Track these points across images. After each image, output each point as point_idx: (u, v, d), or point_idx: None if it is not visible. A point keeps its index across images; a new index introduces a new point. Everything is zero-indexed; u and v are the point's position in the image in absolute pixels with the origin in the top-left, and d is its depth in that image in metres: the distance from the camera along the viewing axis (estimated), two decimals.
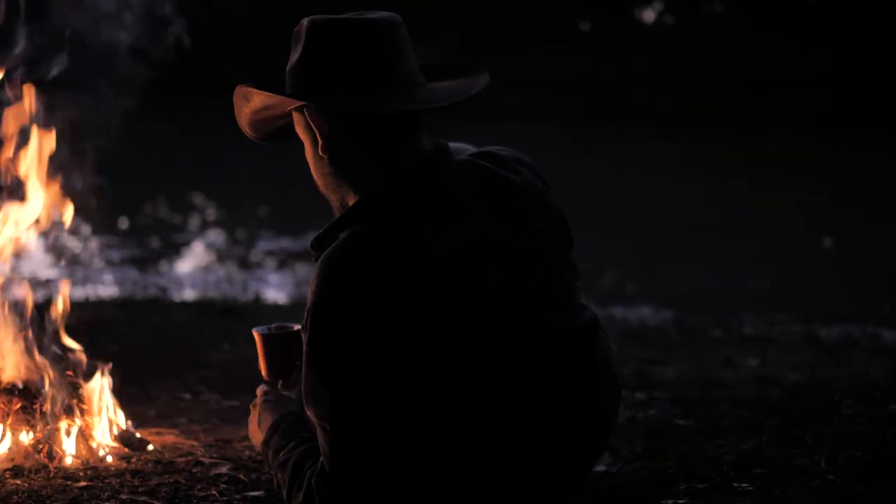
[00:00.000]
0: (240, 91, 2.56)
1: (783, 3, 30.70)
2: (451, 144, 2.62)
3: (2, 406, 3.22)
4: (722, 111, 26.66)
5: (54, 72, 3.50)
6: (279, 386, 2.85)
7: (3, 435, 3.19)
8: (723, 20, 33.36)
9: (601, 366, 2.57)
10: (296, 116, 2.54)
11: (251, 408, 2.88)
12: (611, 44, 32.19)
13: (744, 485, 2.85)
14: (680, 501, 2.78)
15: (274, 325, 2.96)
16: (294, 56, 2.51)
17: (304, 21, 2.51)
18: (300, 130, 2.55)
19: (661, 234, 12.79)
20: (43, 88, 3.49)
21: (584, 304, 2.60)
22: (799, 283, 9.65)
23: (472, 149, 2.67)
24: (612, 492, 2.85)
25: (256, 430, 2.78)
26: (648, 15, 34.85)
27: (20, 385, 3.29)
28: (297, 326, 2.85)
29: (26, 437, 3.19)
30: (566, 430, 2.49)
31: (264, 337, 2.87)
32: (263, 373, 2.88)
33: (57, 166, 3.53)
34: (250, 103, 2.57)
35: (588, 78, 30.23)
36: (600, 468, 3.04)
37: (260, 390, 2.89)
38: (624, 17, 34.38)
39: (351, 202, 2.52)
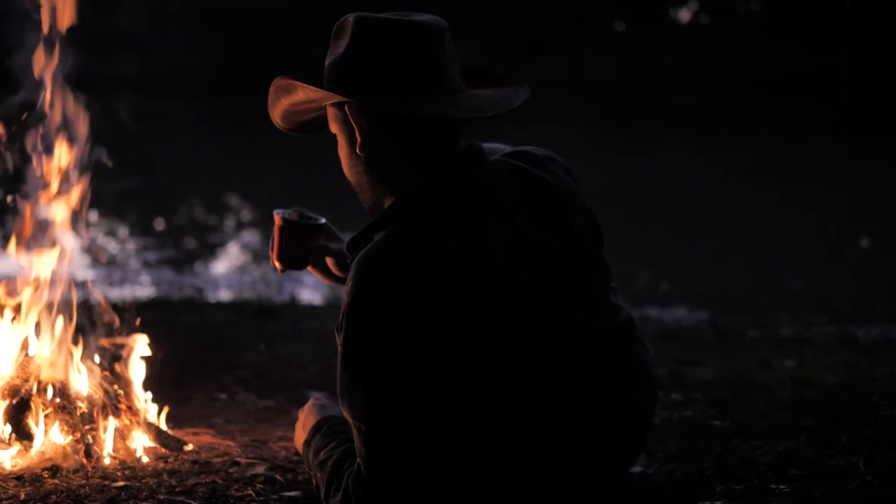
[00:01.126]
0: (281, 83, 2.55)
1: (818, 3, 30.49)
2: (485, 145, 2.62)
3: (40, 406, 3.24)
4: (755, 111, 26.51)
5: (89, 74, 3.52)
6: (279, 269, 2.86)
7: (43, 435, 3.21)
8: (757, 19, 33.16)
9: (637, 366, 2.56)
10: (332, 112, 2.54)
11: (299, 413, 2.90)
12: (644, 44, 32.07)
13: (781, 486, 2.83)
14: (717, 503, 2.77)
15: (293, 209, 2.93)
16: (338, 50, 2.50)
17: (351, 17, 2.50)
18: (336, 126, 2.55)
19: (696, 234, 12.74)
20: (78, 91, 3.51)
21: (619, 305, 2.59)
22: (835, 284, 9.59)
23: (505, 149, 2.67)
24: (649, 493, 2.84)
25: (300, 432, 2.81)
26: (683, 15, 34.68)
27: (58, 385, 3.31)
28: (320, 219, 2.88)
29: (64, 437, 3.20)
30: (602, 430, 2.48)
31: (284, 222, 2.84)
32: (273, 256, 2.86)
33: (93, 169, 3.55)
34: (291, 96, 2.56)
35: (620, 78, 30.15)
36: (636, 469, 3.03)
37: (312, 398, 2.92)
38: (658, 16, 34.23)
39: (385, 202, 2.52)
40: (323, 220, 2.91)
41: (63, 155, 3.51)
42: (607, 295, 2.58)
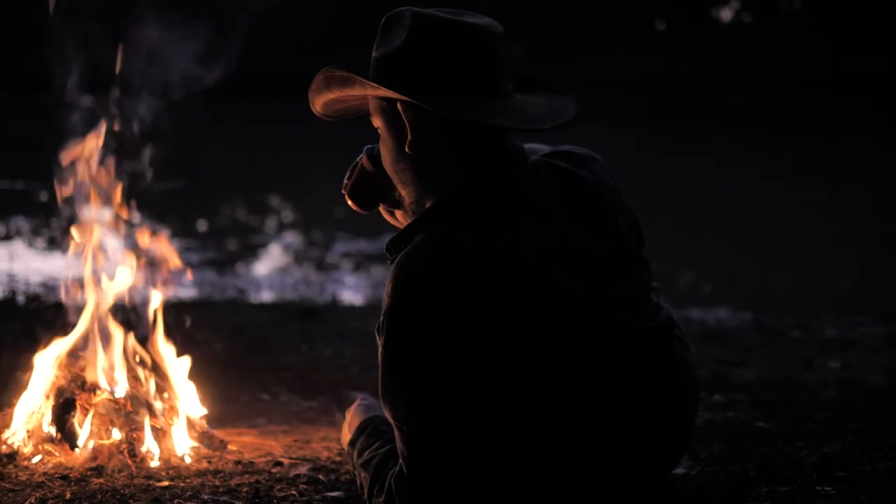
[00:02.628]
0: (336, 74, 2.52)
1: (858, 2, 30.28)
2: (526, 145, 2.62)
3: (86, 406, 3.26)
4: (799, 110, 26.35)
5: (132, 77, 3.54)
6: (351, 202, 2.75)
7: (88, 435, 3.24)
8: (800, 19, 32.96)
9: (678, 367, 2.55)
10: (379, 106, 2.52)
11: (346, 413, 2.91)
12: (686, 44, 31.95)
13: (827, 488, 2.81)
14: None
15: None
16: (391, 44, 2.48)
17: (406, 11, 2.48)
18: (382, 121, 2.53)
19: (739, 234, 12.67)
20: (121, 94, 3.54)
21: (660, 304, 2.58)
22: (881, 285, 9.51)
23: (546, 148, 2.66)
24: (693, 494, 2.83)
25: (346, 432, 2.82)
26: (725, 14, 34.52)
27: (103, 385, 3.33)
28: None
29: (109, 437, 3.22)
30: (644, 430, 2.47)
31: (373, 159, 2.70)
32: (347, 189, 2.74)
33: (135, 171, 3.58)
34: (344, 88, 2.54)
35: (662, 78, 30.05)
36: (679, 471, 3.02)
37: (359, 398, 2.93)
38: (700, 16, 34.08)
39: (426, 201, 2.52)
40: None
41: (107, 155, 3.53)
42: (648, 295, 2.57)
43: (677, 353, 2.56)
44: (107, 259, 3.53)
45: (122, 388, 3.35)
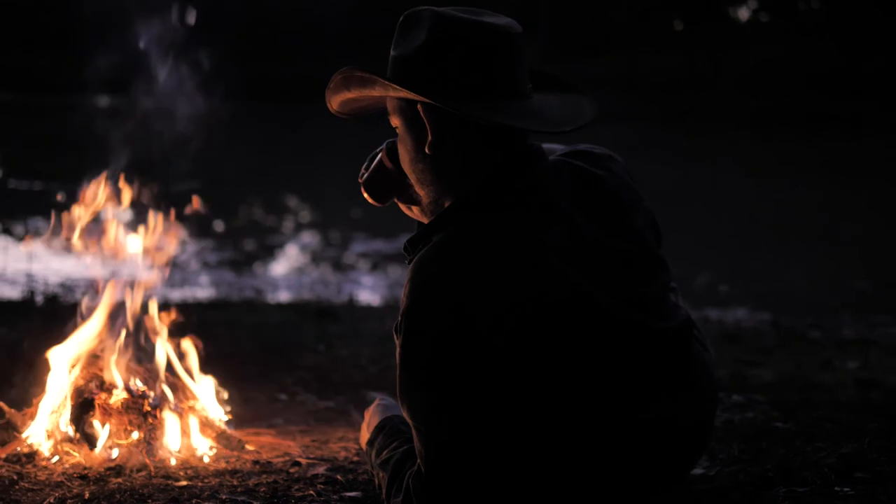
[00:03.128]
0: (356, 74, 2.51)
1: (880, 3, 30.21)
2: (544, 144, 2.61)
3: (104, 406, 3.27)
4: (817, 110, 26.29)
5: (148, 78, 3.56)
6: (368, 197, 2.71)
7: (106, 435, 3.25)
8: (818, 18, 32.88)
9: (697, 366, 2.54)
10: (398, 106, 2.52)
11: (365, 413, 2.92)
12: (703, 43, 31.89)
13: (845, 489, 2.80)
14: None
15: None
16: (411, 44, 2.47)
17: (426, 11, 2.47)
18: (401, 120, 2.53)
19: (757, 234, 12.64)
20: (139, 95, 3.55)
21: (678, 304, 2.58)
22: None
23: (563, 147, 2.66)
24: (711, 495, 2.82)
25: (365, 432, 2.83)
26: (743, 13, 34.46)
27: (121, 385, 3.34)
28: None
29: (127, 437, 3.23)
30: (662, 430, 2.47)
31: (392, 154, 2.69)
32: (364, 179, 2.72)
33: (153, 171, 3.59)
34: (364, 88, 2.52)
35: (680, 77, 30.00)
36: (698, 471, 3.01)
37: (378, 398, 2.93)
38: (718, 15, 34.02)
39: (445, 201, 2.52)
40: None
41: (125, 158, 3.55)
42: (666, 294, 2.56)
43: (696, 352, 2.56)
44: (124, 259, 3.54)
45: (140, 389, 3.36)
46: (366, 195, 2.72)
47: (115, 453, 3.20)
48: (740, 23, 36.03)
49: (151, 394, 3.36)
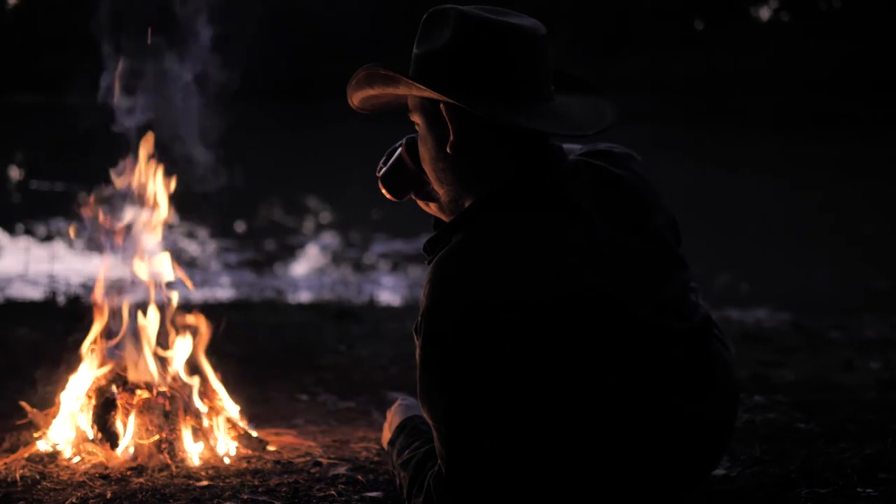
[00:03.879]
0: (380, 72, 2.50)
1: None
2: (566, 144, 2.61)
3: (126, 406, 3.28)
4: (838, 111, 26.20)
5: (170, 77, 3.56)
6: (386, 192, 2.71)
7: (128, 435, 3.26)
8: (840, 18, 32.77)
9: (717, 366, 2.53)
10: (420, 104, 2.51)
11: (387, 413, 2.92)
12: (724, 42, 31.80)
13: (868, 490, 2.79)
14: None
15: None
16: (435, 43, 2.47)
17: (451, 10, 2.46)
18: (422, 119, 2.52)
19: (777, 234, 12.60)
20: (159, 95, 3.55)
21: (698, 304, 2.57)
22: None
23: (583, 147, 2.65)
24: (733, 496, 2.81)
25: (386, 432, 2.83)
26: (764, 13, 34.37)
27: (143, 385, 3.35)
28: None
29: (149, 437, 3.24)
30: (683, 431, 2.46)
31: (411, 150, 2.68)
32: (381, 173, 2.71)
33: (173, 172, 3.59)
34: (387, 86, 2.52)
35: (701, 77, 29.93)
36: (719, 472, 3.00)
37: (400, 398, 2.93)
38: (738, 15, 33.93)
39: (464, 201, 2.51)
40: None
41: (145, 158, 3.56)
42: (686, 294, 2.55)
43: (716, 352, 2.55)
44: (146, 260, 3.55)
45: (162, 388, 3.37)
46: (383, 190, 2.72)
47: (136, 453, 3.20)
48: (761, 22, 35.92)
49: (173, 394, 3.37)
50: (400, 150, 2.68)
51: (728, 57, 31.01)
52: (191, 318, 3.59)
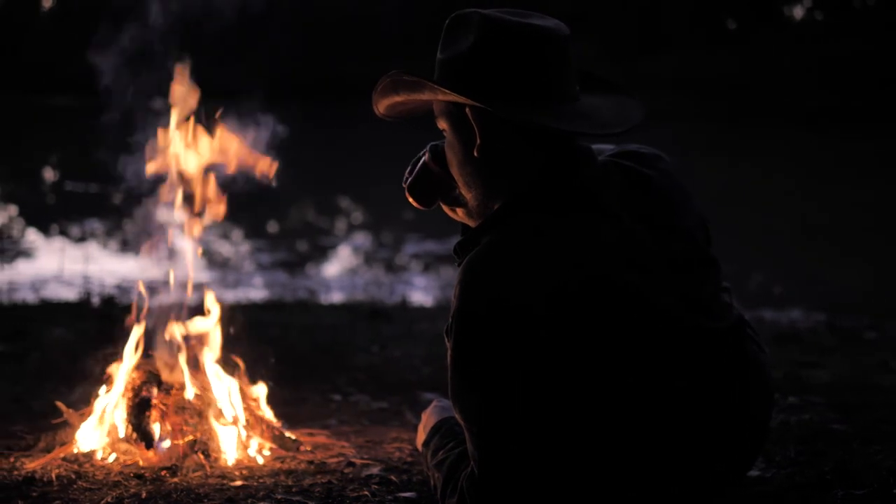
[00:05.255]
0: (405, 78, 2.51)
1: None
2: (595, 145, 2.60)
3: (161, 406, 3.30)
4: (872, 108, 26.02)
5: (205, 77, 3.58)
6: (413, 200, 2.72)
7: (163, 434, 3.27)
8: (874, 15, 32.53)
9: (752, 367, 2.52)
10: (446, 109, 2.52)
11: (422, 414, 2.93)
12: (757, 41, 31.65)
13: None
14: None
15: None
16: (459, 47, 2.47)
17: (474, 13, 2.46)
18: (449, 123, 2.52)
19: (811, 234, 12.53)
20: (195, 96, 3.57)
21: (731, 304, 2.55)
22: None
23: (612, 147, 2.65)
24: (768, 497, 2.80)
25: (421, 433, 2.84)
26: (797, 12, 34.18)
27: (177, 385, 3.37)
28: None
29: (183, 437, 3.26)
30: (717, 432, 2.45)
31: (436, 158, 2.69)
32: (408, 183, 2.72)
33: (206, 174, 3.60)
34: (413, 92, 2.52)
35: (733, 76, 29.80)
36: (754, 473, 2.99)
37: (435, 400, 2.94)
38: (772, 14, 33.74)
39: (494, 204, 2.51)
40: None
41: (180, 160, 3.57)
42: (719, 295, 2.54)
43: (750, 353, 2.54)
44: (180, 261, 3.56)
45: (195, 389, 3.38)
46: (410, 199, 2.73)
47: (171, 453, 3.22)
48: (795, 21, 35.73)
49: (207, 394, 3.38)
50: (425, 157, 2.68)
51: (761, 56, 30.86)
52: (224, 319, 3.60)
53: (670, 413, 2.40)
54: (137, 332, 3.47)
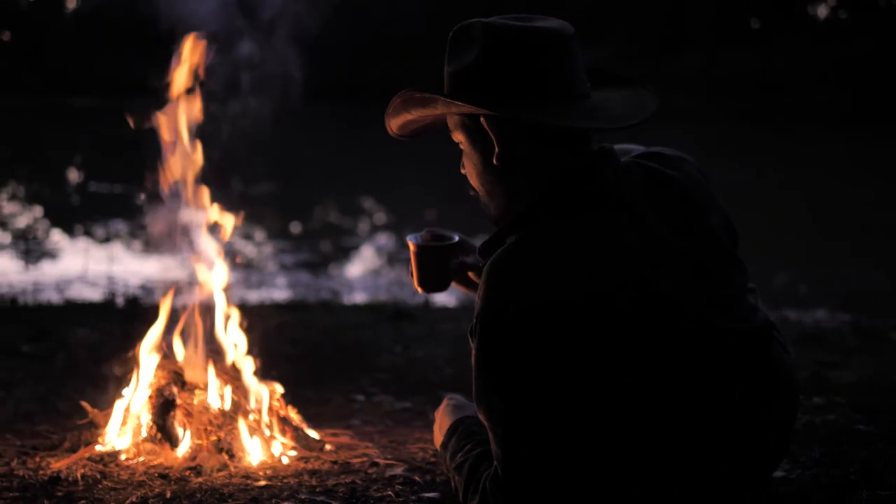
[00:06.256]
0: (416, 95, 2.53)
1: None
2: (617, 147, 2.60)
3: (185, 406, 3.31)
4: None
5: (226, 79, 3.59)
6: (423, 292, 2.90)
7: (187, 434, 3.28)
8: None
9: (777, 369, 2.51)
10: (460, 122, 2.52)
11: (435, 414, 2.92)
12: (781, 40, 31.52)
13: None
14: None
15: (425, 231, 2.92)
16: (465, 58, 2.48)
17: (477, 23, 2.48)
18: (465, 136, 2.53)
19: (836, 234, 12.48)
20: (214, 95, 3.58)
21: (756, 306, 2.55)
22: None
23: (637, 149, 2.64)
24: (792, 498, 2.79)
25: (437, 434, 2.83)
26: (821, 11, 34.03)
27: (201, 385, 3.38)
28: (454, 237, 2.87)
29: (207, 437, 3.27)
30: (742, 433, 2.44)
31: (419, 248, 2.84)
32: (414, 281, 2.87)
33: (230, 174, 3.61)
34: (425, 108, 2.54)
35: (757, 75, 29.71)
36: (779, 474, 2.98)
37: (447, 398, 2.93)
38: (795, 13, 33.60)
39: (519, 208, 2.51)
40: (456, 238, 2.90)
41: (201, 158, 3.58)
42: (744, 296, 2.53)
43: (775, 354, 2.53)
44: (204, 261, 3.58)
45: (219, 389, 3.39)
46: (422, 291, 2.88)
47: (195, 453, 3.23)
48: (819, 20, 35.59)
49: (231, 394, 3.39)
50: (411, 251, 2.81)
51: (785, 55, 30.74)
52: (248, 319, 3.61)
53: (695, 414, 2.39)
54: (161, 332, 3.49)
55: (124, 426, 3.36)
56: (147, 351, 3.46)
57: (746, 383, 2.44)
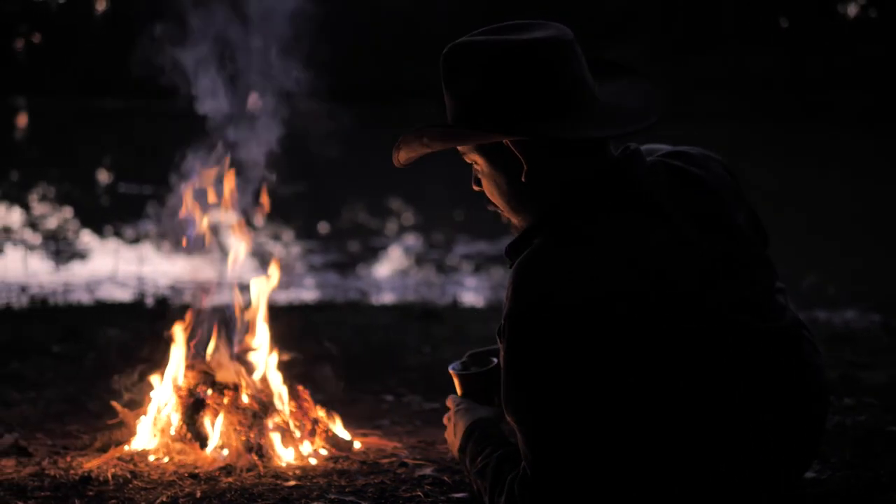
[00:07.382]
0: (440, 131, 2.50)
1: None
2: (644, 147, 2.59)
3: (215, 406, 3.32)
4: None
5: (253, 79, 3.60)
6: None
7: (217, 434, 3.29)
8: None
9: (807, 369, 2.50)
10: (478, 145, 2.49)
11: (445, 421, 2.90)
12: (811, 40, 31.36)
13: None
14: None
15: (467, 355, 2.96)
16: (471, 84, 2.45)
17: (473, 45, 2.44)
18: (485, 158, 2.49)
19: (866, 234, 12.41)
20: (243, 97, 3.59)
21: (784, 305, 2.53)
22: None
23: (663, 149, 2.63)
24: (822, 499, 2.78)
25: (453, 438, 2.81)
26: (851, 10, 33.83)
27: (231, 385, 3.39)
28: (494, 360, 2.86)
29: (237, 437, 3.28)
30: (773, 434, 2.43)
31: (461, 377, 2.88)
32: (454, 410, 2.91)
33: (259, 174, 3.62)
34: (448, 142, 2.50)
35: (785, 75, 29.57)
36: (809, 475, 2.97)
37: (451, 401, 2.92)
38: (825, 12, 33.41)
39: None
40: (495, 361, 2.89)
41: (230, 160, 3.59)
42: (773, 295, 2.52)
43: (805, 354, 2.51)
44: (236, 262, 3.59)
45: (249, 389, 3.40)
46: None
47: (225, 453, 3.24)
48: (848, 20, 35.39)
49: (260, 395, 3.40)
50: (455, 381, 2.91)
51: (814, 54, 30.59)
52: (276, 319, 3.62)
53: (725, 414, 2.38)
54: (191, 332, 3.50)
55: (155, 426, 3.37)
56: (177, 351, 3.47)
57: (776, 383, 2.43)
